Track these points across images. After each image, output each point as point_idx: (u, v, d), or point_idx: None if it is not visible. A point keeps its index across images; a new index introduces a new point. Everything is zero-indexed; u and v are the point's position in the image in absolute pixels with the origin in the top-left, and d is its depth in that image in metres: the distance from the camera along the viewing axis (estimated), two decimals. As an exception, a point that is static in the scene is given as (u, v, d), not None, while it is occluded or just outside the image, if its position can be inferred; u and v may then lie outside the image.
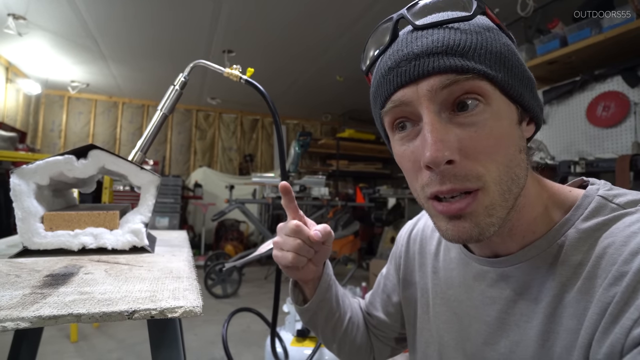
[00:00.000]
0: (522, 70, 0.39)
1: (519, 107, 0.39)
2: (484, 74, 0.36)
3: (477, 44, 0.36)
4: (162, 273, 0.49)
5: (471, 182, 0.36)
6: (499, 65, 0.37)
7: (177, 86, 0.76)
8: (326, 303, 0.59)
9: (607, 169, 1.66)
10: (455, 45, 0.36)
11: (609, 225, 0.37)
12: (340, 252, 4.10)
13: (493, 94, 0.37)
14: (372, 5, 3.04)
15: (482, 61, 0.36)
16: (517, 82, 0.38)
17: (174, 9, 3.21)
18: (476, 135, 0.36)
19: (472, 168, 0.36)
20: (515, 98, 0.38)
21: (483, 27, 0.38)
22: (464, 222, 0.37)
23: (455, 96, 0.36)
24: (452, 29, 0.37)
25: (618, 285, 0.32)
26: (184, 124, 6.47)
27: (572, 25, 1.91)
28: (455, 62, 0.35)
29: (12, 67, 4.53)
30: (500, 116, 0.37)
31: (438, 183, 0.37)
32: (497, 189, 0.37)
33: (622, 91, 1.80)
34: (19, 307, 0.34)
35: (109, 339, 2.48)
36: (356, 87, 5.09)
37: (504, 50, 0.38)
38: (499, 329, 0.43)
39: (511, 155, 0.38)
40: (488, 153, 0.36)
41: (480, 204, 0.37)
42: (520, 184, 0.39)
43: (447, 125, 0.36)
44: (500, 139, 0.37)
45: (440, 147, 0.35)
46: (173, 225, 4.82)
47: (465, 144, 0.36)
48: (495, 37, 0.38)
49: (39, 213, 0.59)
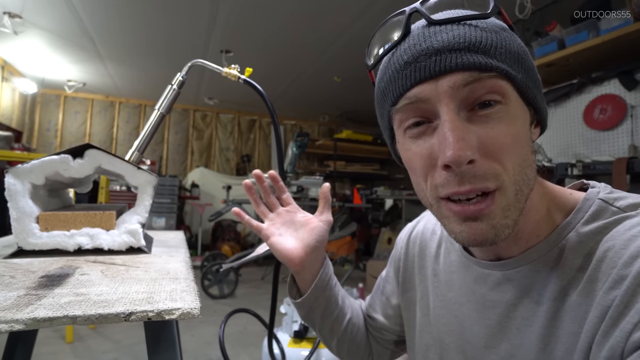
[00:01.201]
0: (535, 72, 0.39)
1: (532, 110, 0.39)
2: (506, 73, 0.35)
3: (498, 42, 0.36)
4: (159, 274, 0.49)
5: (490, 181, 0.35)
6: (518, 66, 0.36)
7: (175, 85, 0.75)
8: (323, 301, 0.59)
9: (604, 171, 1.67)
10: (478, 42, 0.35)
11: (609, 228, 0.37)
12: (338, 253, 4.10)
13: (511, 94, 0.36)
14: (371, 5, 3.04)
15: (503, 60, 0.35)
16: (533, 84, 0.38)
17: (172, 9, 3.20)
18: (494, 133, 0.35)
19: (491, 167, 0.35)
20: (530, 100, 0.38)
21: (499, 27, 0.37)
22: (480, 223, 0.36)
23: (477, 95, 0.35)
24: (471, 26, 0.36)
25: (618, 289, 0.32)
26: (181, 123, 6.45)
27: (569, 28, 1.92)
28: (479, 59, 0.34)
29: (7, 66, 4.50)
30: (516, 116, 0.37)
31: (456, 184, 0.36)
32: (513, 189, 0.36)
33: (619, 94, 1.81)
34: (13, 309, 0.33)
35: (105, 340, 2.47)
36: (354, 88, 5.09)
37: (520, 51, 0.37)
38: (499, 333, 0.42)
39: (525, 155, 0.37)
40: (505, 152, 0.35)
41: (498, 205, 0.36)
42: (530, 185, 0.38)
43: (466, 124, 0.36)
44: (517, 138, 0.36)
45: (463, 146, 0.34)
46: (170, 226, 4.80)
47: (484, 143, 0.35)
48: (511, 37, 0.38)
49: (34, 213, 0.58)
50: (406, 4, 0.40)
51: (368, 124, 6.62)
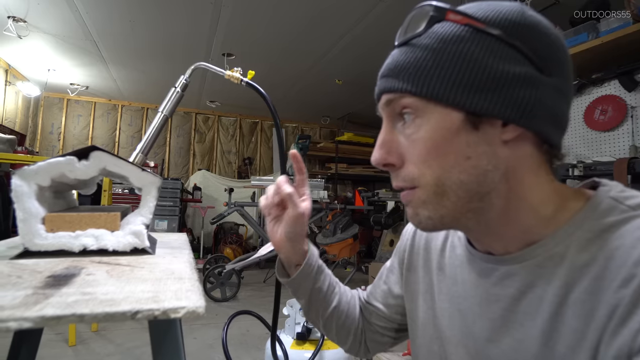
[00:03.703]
0: (477, 73, 0.38)
1: (465, 113, 0.38)
2: (408, 91, 0.40)
3: (410, 62, 0.40)
4: (163, 274, 0.49)
5: (407, 182, 0.43)
6: (429, 79, 0.39)
7: (178, 88, 0.76)
8: (307, 287, 0.60)
9: (605, 172, 1.67)
10: (394, 67, 0.42)
11: (618, 227, 0.37)
12: (340, 255, 4.09)
13: (425, 106, 0.40)
14: (372, 8, 3.05)
15: (407, 80, 0.40)
16: (460, 90, 0.38)
17: (174, 12, 3.22)
18: (411, 144, 0.41)
19: (409, 172, 0.42)
20: (456, 105, 0.38)
21: (438, 39, 0.39)
22: (409, 209, 0.44)
23: (397, 112, 0.42)
24: (407, 47, 0.41)
25: (627, 288, 0.32)
26: (183, 126, 6.47)
27: (569, 30, 1.92)
28: (389, 84, 0.42)
29: (11, 70, 4.53)
30: (434, 126, 0.40)
31: (394, 180, 0.45)
32: (432, 190, 0.41)
33: (619, 95, 1.81)
34: (22, 307, 0.34)
35: (107, 343, 2.47)
36: (355, 90, 5.10)
37: (443, 59, 0.38)
38: (502, 327, 0.43)
39: (451, 161, 0.39)
40: (422, 160, 0.41)
41: (415, 197, 0.42)
42: (469, 189, 0.39)
43: (396, 134, 0.43)
44: (433, 147, 0.40)
45: (381, 152, 0.43)
46: (172, 229, 4.80)
47: (403, 151, 0.42)
48: (446, 47, 0.38)
49: (40, 214, 0.59)
50: (405, 9, 0.41)
51: (370, 127, 6.63)
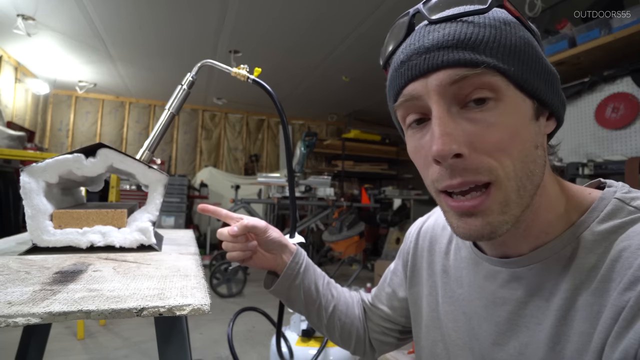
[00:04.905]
0: (540, 63, 0.38)
1: (536, 102, 0.38)
2: (495, 67, 0.35)
3: (490, 37, 0.36)
4: (169, 271, 0.49)
5: (482, 174, 0.36)
6: (512, 59, 0.36)
7: (185, 85, 0.76)
8: (296, 290, 0.63)
9: (616, 171, 1.64)
10: (467, 38, 0.35)
11: (625, 228, 0.36)
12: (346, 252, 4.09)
13: (506, 88, 0.36)
14: (379, 5, 3.03)
15: (493, 54, 0.35)
16: (533, 76, 0.37)
17: (181, 10, 3.22)
18: (487, 130, 0.36)
19: (483, 161, 0.36)
20: (530, 92, 0.37)
21: (499, 21, 0.37)
22: (475, 220, 0.37)
23: (466, 92, 0.36)
24: (465, 22, 0.36)
25: (633, 290, 0.32)
26: (190, 123, 6.50)
27: (580, 26, 1.89)
28: (465, 56, 0.35)
29: (21, 67, 4.58)
30: (514, 111, 0.36)
31: (448, 177, 0.37)
32: (512, 185, 0.36)
33: (631, 92, 1.78)
34: (30, 303, 0.34)
35: (115, 337, 2.50)
36: (362, 87, 5.08)
37: (519, 43, 0.37)
38: (508, 330, 0.42)
39: (527, 150, 0.37)
40: (501, 147, 0.36)
41: (494, 201, 0.36)
42: (535, 182, 0.38)
43: (457, 119, 0.36)
44: (514, 133, 0.36)
45: (447, 140, 0.35)
46: (179, 225, 4.84)
47: (474, 138, 0.36)
48: (512, 30, 0.37)
49: (48, 211, 0.59)
50: (414, 3, 0.40)
51: (376, 124, 6.60)
